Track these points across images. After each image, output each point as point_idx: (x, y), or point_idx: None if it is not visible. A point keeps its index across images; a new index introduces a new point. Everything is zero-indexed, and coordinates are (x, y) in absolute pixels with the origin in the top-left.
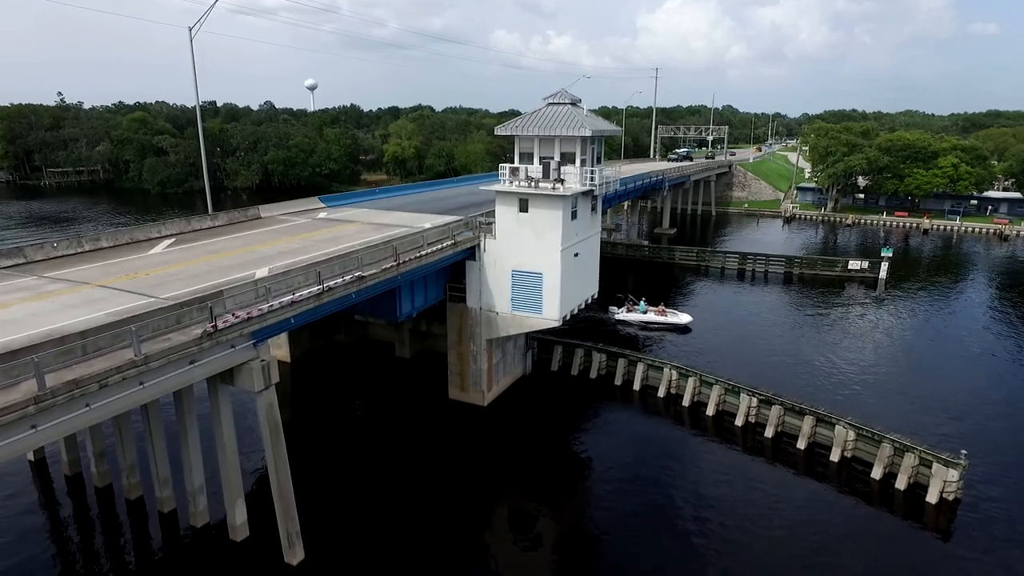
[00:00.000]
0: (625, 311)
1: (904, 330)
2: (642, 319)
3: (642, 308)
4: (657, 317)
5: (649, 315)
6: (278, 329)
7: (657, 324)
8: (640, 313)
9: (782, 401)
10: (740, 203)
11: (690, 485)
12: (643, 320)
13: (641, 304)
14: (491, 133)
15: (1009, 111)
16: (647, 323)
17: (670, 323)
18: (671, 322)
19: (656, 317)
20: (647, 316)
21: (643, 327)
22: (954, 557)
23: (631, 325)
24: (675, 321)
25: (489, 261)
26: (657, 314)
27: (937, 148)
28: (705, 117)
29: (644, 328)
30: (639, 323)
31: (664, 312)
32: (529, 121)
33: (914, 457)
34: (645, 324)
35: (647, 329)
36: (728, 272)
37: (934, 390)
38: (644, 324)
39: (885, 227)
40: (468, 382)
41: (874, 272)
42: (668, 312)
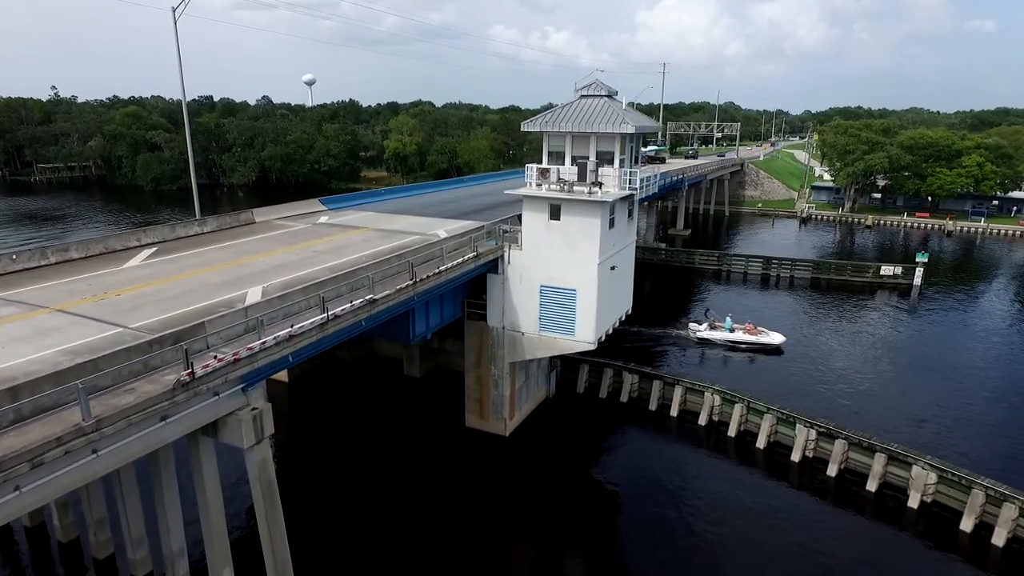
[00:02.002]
0: (707, 328)
1: (949, 349)
2: (728, 338)
3: (728, 325)
4: (747, 336)
5: (737, 334)
6: (272, 369)
7: (746, 344)
8: (726, 331)
9: (847, 435)
10: (754, 202)
11: (737, 532)
12: (729, 340)
13: (727, 321)
14: (495, 129)
15: (1018, 108)
16: (733, 343)
17: (761, 343)
18: (762, 342)
19: (745, 336)
20: (734, 335)
21: (729, 347)
22: None
23: (715, 345)
24: (766, 341)
25: (514, 275)
26: (746, 332)
27: (961, 147)
28: (709, 114)
29: (731, 349)
30: (724, 343)
31: (754, 330)
32: (561, 116)
33: (1014, 509)
34: (731, 344)
35: (734, 350)
36: (751, 277)
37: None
38: (730, 344)
39: (906, 228)
40: (488, 409)
41: (908, 279)
42: (759, 331)
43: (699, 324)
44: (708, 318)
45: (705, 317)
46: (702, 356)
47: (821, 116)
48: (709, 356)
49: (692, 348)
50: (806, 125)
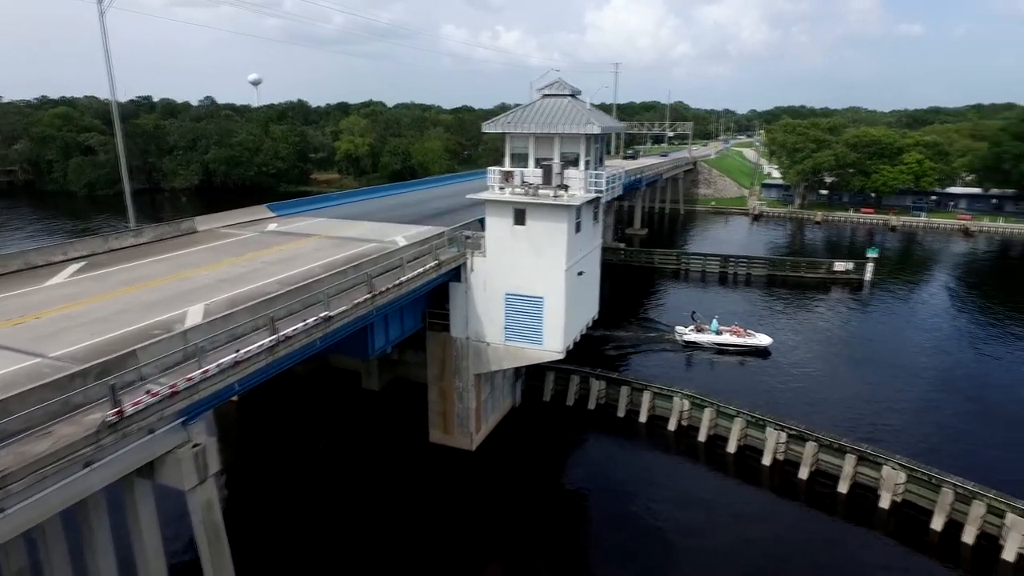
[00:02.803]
0: (694, 331)
1: (905, 341)
2: (715, 341)
3: (714, 328)
4: (734, 339)
5: (724, 336)
6: (216, 400)
7: (734, 347)
8: (712, 334)
9: (817, 437)
10: (707, 200)
11: (709, 537)
12: (716, 343)
13: (713, 323)
14: (448, 129)
15: (948, 108)
16: (721, 346)
17: (749, 345)
18: (750, 344)
19: (733, 339)
20: (721, 338)
21: (717, 351)
22: None
23: (703, 349)
24: (754, 343)
25: (478, 283)
26: (733, 335)
27: (901, 144)
28: (660, 113)
29: (719, 352)
30: (712, 346)
31: (741, 332)
32: (523, 116)
33: (982, 506)
34: (719, 347)
35: (722, 353)
36: (709, 275)
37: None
38: (718, 347)
39: (853, 224)
40: (453, 423)
41: (859, 274)
42: (746, 332)
43: (685, 327)
44: (694, 320)
45: (691, 320)
46: (689, 360)
47: (767, 115)
48: (697, 359)
49: (679, 352)
50: (753, 124)
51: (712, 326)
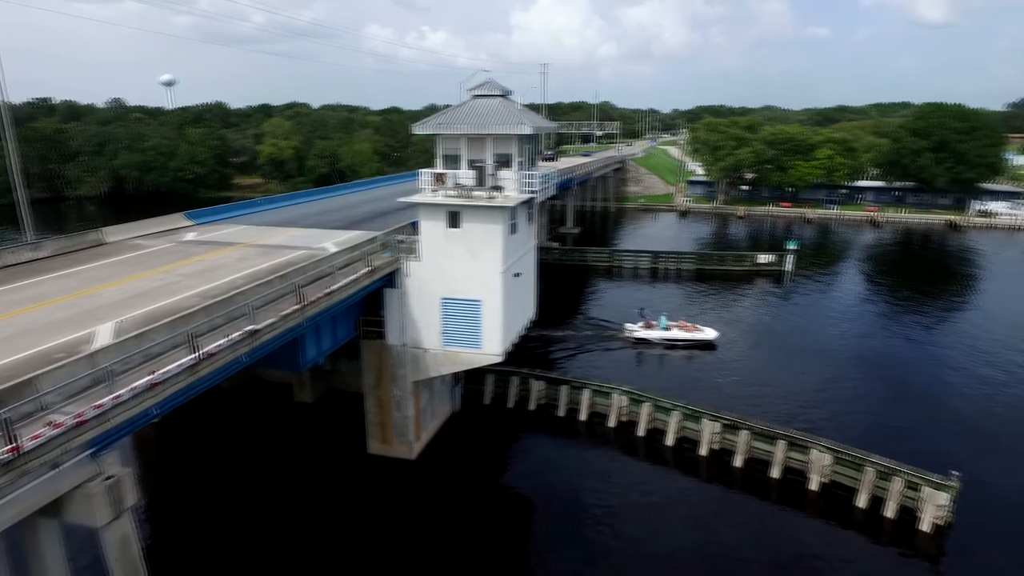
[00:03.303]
0: (643, 328)
1: (824, 327)
2: (664, 337)
3: (663, 324)
4: (682, 333)
5: (672, 331)
6: (131, 427)
7: (683, 341)
8: (661, 330)
9: (750, 426)
10: (636, 198)
11: (651, 529)
12: (665, 338)
13: (661, 320)
14: (377, 131)
15: (854, 106)
16: (671, 341)
17: (696, 339)
18: (697, 338)
19: (681, 334)
20: (670, 333)
21: (667, 346)
22: None
23: (653, 345)
24: (701, 337)
25: (413, 288)
26: (681, 330)
27: (814, 141)
28: (588, 113)
29: (669, 347)
30: (661, 341)
31: (689, 327)
32: (455, 117)
33: (901, 481)
34: (669, 342)
35: (673, 348)
36: (641, 272)
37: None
38: (667, 342)
39: (772, 218)
40: (392, 433)
41: (781, 265)
42: (693, 327)
43: (634, 324)
44: (643, 317)
45: (640, 316)
46: (640, 356)
47: (689, 114)
48: (647, 356)
49: (630, 349)
50: (676, 123)
51: (661, 323)
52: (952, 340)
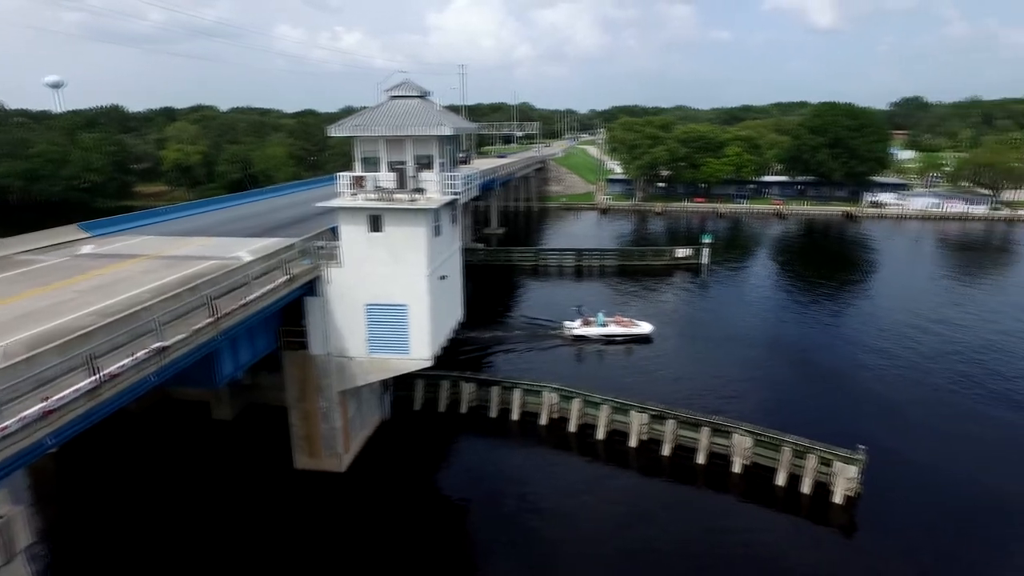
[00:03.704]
0: (581, 325)
1: (739, 316)
2: (602, 333)
3: (600, 321)
4: (619, 329)
5: (610, 327)
6: (22, 460)
7: (620, 337)
8: (599, 326)
9: (675, 415)
10: (558, 197)
11: (585, 522)
12: (604, 334)
13: (599, 316)
14: (292, 134)
15: (757, 105)
16: (609, 336)
17: (633, 334)
18: (633, 333)
19: (618, 329)
20: (608, 329)
21: (606, 341)
22: (863, 552)
23: (592, 341)
24: (637, 331)
25: (335, 295)
26: (618, 325)
27: (723, 139)
28: (508, 114)
29: (608, 343)
30: (600, 338)
31: (625, 322)
32: (372, 118)
33: (815, 458)
34: (607, 338)
35: (611, 344)
36: (566, 269)
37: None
38: (606, 338)
39: (688, 213)
40: (319, 446)
41: (697, 258)
42: (629, 322)
43: (572, 322)
44: (581, 315)
45: (578, 314)
46: (579, 354)
47: (606, 115)
48: (586, 352)
49: (569, 347)
50: (594, 123)
51: (598, 319)
52: (854, 321)
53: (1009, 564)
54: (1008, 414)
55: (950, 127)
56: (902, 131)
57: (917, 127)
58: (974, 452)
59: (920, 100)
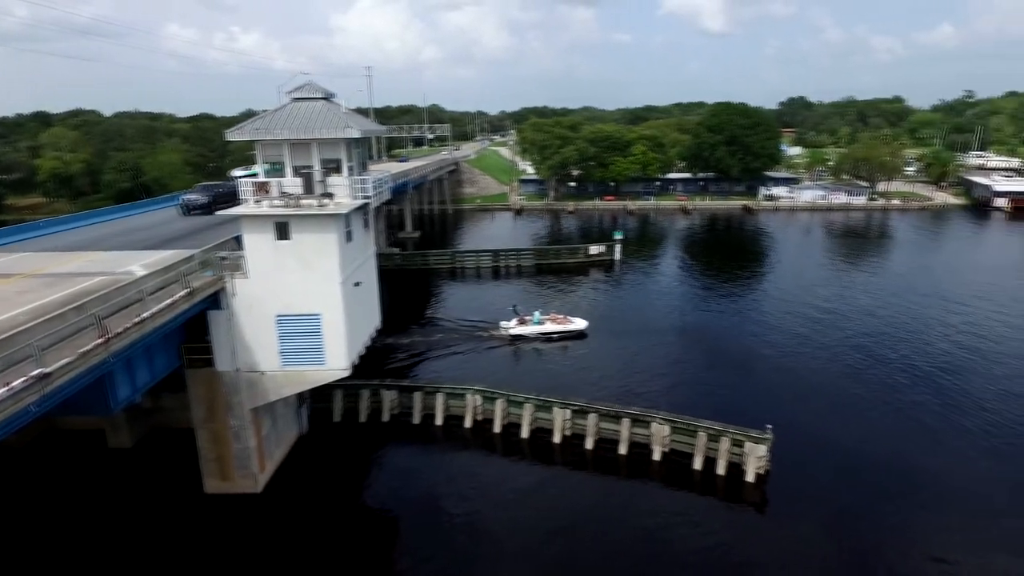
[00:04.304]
0: (517, 324)
1: (654, 308)
2: (539, 331)
3: (536, 319)
4: (556, 326)
5: (546, 325)
6: None
7: (557, 334)
8: (535, 324)
9: (597, 408)
10: (473, 199)
11: (513, 521)
12: (541, 332)
13: (535, 315)
14: (187, 140)
15: (660, 106)
16: (546, 334)
17: (568, 330)
18: (569, 329)
19: (555, 326)
20: (544, 327)
21: (544, 339)
22: (774, 522)
23: (529, 339)
24: (573, 328)
25: (242, 307)
26: (553, 323)
27: (629, 138)
28: (418, 116)
29: (545, 341)
30: (537, 336)
31: (561, 320)
32: (274, 121)
33: (728, 440)
34: (545, 336)
35: (548, 341)
36: (483, 271)
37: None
38: (543, 336)
39: (599, 211)
40: (232, 467)
41: (610, 255)
42: (565, 319)
43: (509, 322)
44: (517, 314)
45: (514, 313)
46: (517, 353)
47: (516, 116)
48: (524, 351)
49: (507, 347)
50: (505, 124)
51: (534, 318)
52: (757, 308)
53: (898, 513)
54: (892, 387)
55: (831, 125)
56: (790, 129)
57: (803, 125)
58: (864, 422)
59: (804, 100)
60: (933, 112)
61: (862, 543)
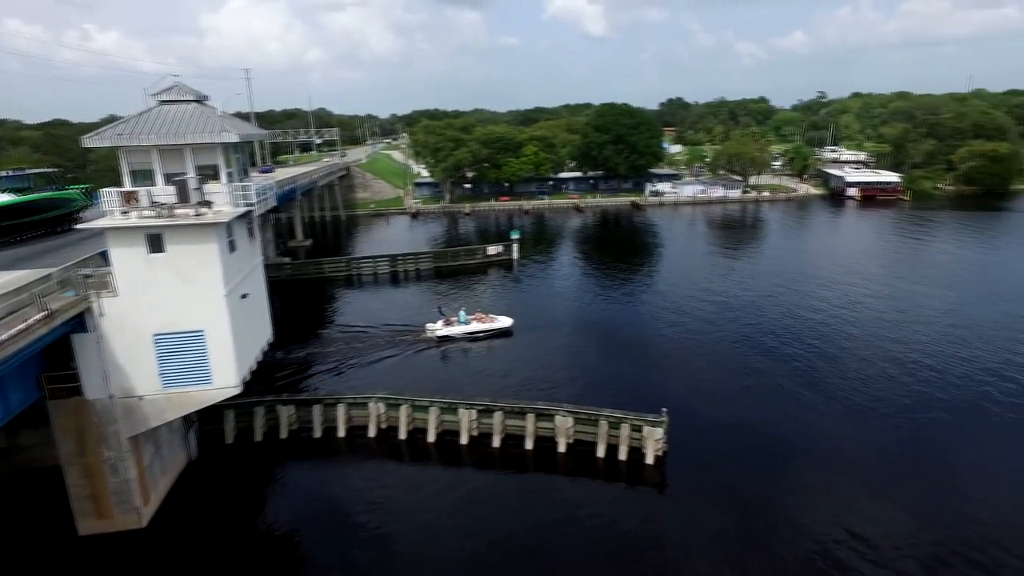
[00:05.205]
0: (443, 325)
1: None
2: (465, 331)
3: (462, 319)
4: (482, 325)
5: (472, 325)
6: None
7: (483, 333)
8: (461, 324)
9: (502, 406)
10: (366, 204)
11: (424, 528)
12: (467, 332)
13: (461, 315)
14: (38, 148)
15: (549, 107)
16: (472, 334)
17: (494, 329)
18: (496, 328)
19: (481, 325)
20: (470, 327)
21: (470, 339)
22: (673, 500)
23: (456, 340)
24: (499, 326)
25: (113, 328)
26: (479, 322)
27: (520, 139)
28: (304, 120)
29: (472, 340)
30: (463, 336)
31: (486, 318)
32: (140, 126)
33: (628, 427)
34: (471, 336)
35: (475, 341)
36: (381, 276)
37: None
38: (470, 336)
39: (495, 212)
40: (109, 504)
41: (508, 254)
42: (490, 318)
43: (435, 323)
44: (442, 315)
45: (439, 314)
46: (445, 355)
47: (407, 119)
48: (451, 352)
49: (434, 349)
50: (396, 127)
51: (461, 317)
52: (650, 297)
53: (783, 480)
54: (774, 363)
55: (707, 124)
56: (671, 128)
57: (682, 124)
58: (750, 398)
59: (682, 101)
60: (793, 111)
61: (752, 511)
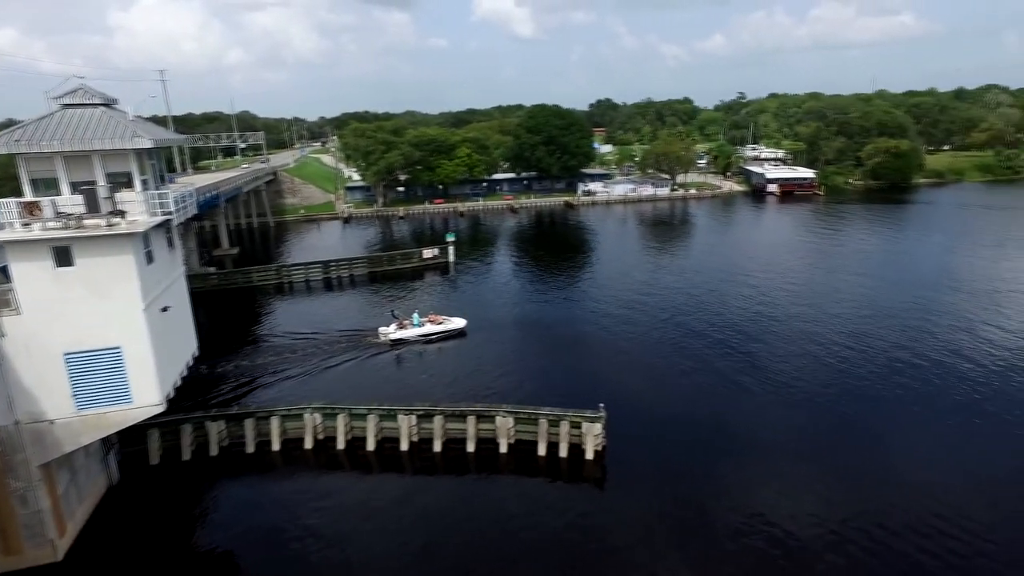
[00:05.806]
0: (397, 328)
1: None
2: (419, 333)
3: (416, 321)
4: (436, 327)
5: (426, 327)
6: None
7: (438, 334)
8: (415, 327)
9: (442, 410)
10: (296, 209)
11: (365, 539)
12: (421, 334)
13: (415, 317)
14: None
15: (481, 108)
16: (427, 336)
17: (448, 330)
18: (450, 329)
19: (435, 327)
20: (424, 329)
21: (425, 341)
22: (613, 492)
23: (411, 343)
24: (453, 327)
25: (16, 349)
26: (433, 323)
27: (453, 141)
28: (227, 124)
29: (427, 343)
30: (418, 338)
31: (440, 320)
32: (41, 132)
33: (567, 424)
34: (425, 338)
35: (430, 343)
36: (314, 283)
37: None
38: (424, 338)
39: (430, 214)
40: (19, 538)
41: (444, 257)
42: (444, 319)
43: (388, 327)
44: (395, 318)
45: (392, 318)
46: (399, 358)
47: (336, 121)
48: (406, 355)
49: (388, 353)
50: (325, 130)
51: (414, 320)
52: (585, 295)
53: (719, 467)
54: (707, 354)
55: (635, 124)
56: (600, 128)
57: (611, 124)
58: (685, 389)
59: (611, 101)
60: (716, 111)
61: (690, 500)
